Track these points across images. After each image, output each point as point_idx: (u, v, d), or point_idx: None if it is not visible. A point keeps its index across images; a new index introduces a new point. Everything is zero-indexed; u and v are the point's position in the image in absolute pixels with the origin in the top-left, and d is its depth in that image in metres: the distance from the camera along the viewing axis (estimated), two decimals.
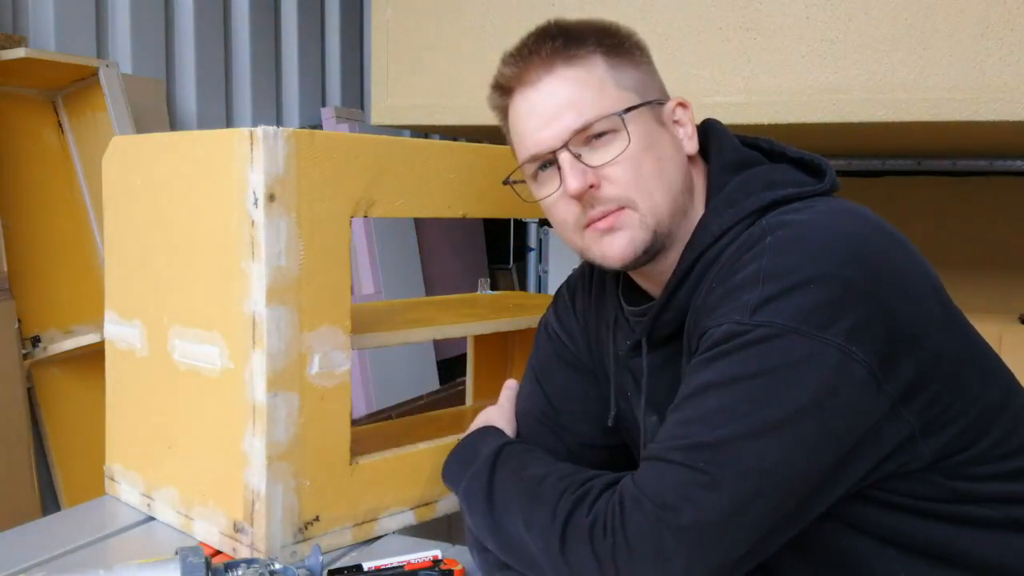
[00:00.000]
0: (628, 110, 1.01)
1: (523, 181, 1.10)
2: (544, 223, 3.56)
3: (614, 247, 1.02)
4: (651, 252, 1.03)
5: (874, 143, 2.39)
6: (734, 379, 0.88)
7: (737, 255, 0.96)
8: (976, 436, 0.94)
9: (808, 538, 0.95)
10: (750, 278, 0.91)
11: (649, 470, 0.90)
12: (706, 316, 0.95)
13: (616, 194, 1.01)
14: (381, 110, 2.48)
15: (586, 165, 1.00)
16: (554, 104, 1.02)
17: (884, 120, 1.85)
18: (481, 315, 1.55)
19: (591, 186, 1.00)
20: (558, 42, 1.02)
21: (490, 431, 1.18)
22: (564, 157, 1.01)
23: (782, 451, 0.86)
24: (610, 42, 1.04)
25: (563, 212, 1.04)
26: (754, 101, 1.95)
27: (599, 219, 1.02)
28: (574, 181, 1.00)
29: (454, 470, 1.15)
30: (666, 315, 1.05)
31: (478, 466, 1.09)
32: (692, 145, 1.07)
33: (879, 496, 0.94)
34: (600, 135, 1.01)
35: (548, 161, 1.04)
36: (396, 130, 2.72)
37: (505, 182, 1.13)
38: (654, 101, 1.05)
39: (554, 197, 1.04)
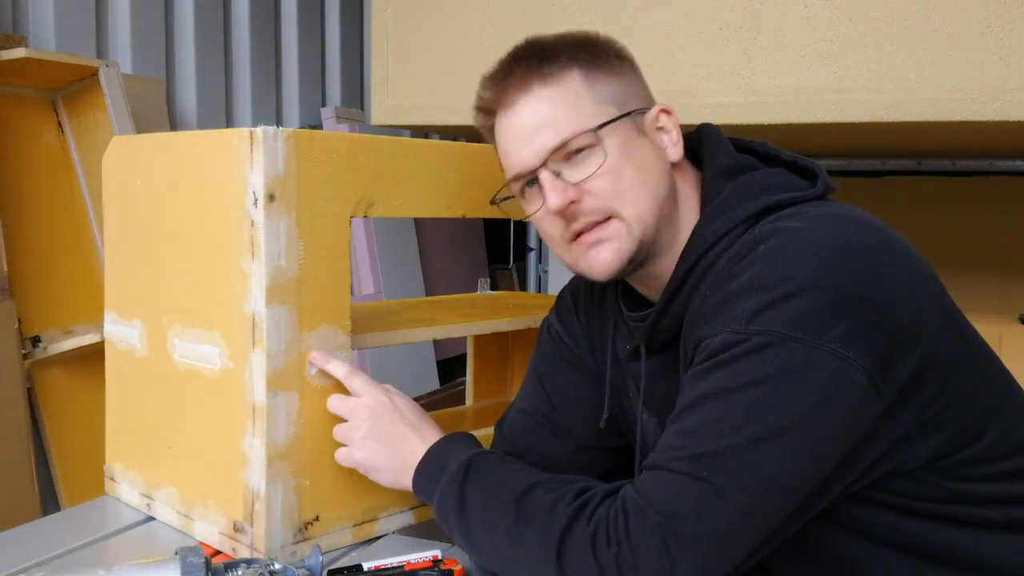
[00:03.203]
0: (604, 124, 1.02)
1: (513, 197, 1.13)
2: None
3: (599, 259, 1.04)
4: (636, 262, 1.04)
5: (874, 143, 2.39)
6: (733, 388, 0.88)
7: (732, 263, 0.96)
8: (973, 436, 0.94)
9: (807, 540, 0.95)
10: (744, 287, 0.91)
11: (653, 479, 0.90)
12: (702, 324, 0.96)
13: (599, 206, 1.02)
14: (381, 110, 2.48)
15: (566, 182, 1.02)
16: (532, 124, 1.03)
17: (884, 120, 1.85)
18: (481, 315, 1.55)
19: (572, 202, 1.02)
20: (532, 62, 1.04)
21: (456, 440, 1.14)
22: (544, 176, 1.03)
23: (785, 458, 0.86)
24: (586, 55, 1.04)
25: (549, 227, 1.07)
26: (754, 101, 1.95)
27: (585, 231, 1.03)
28: (555, 198, 1.02)
29: (423, 484, 1.12)
30: (664, 321, 1.05)
31: (446, 482, 1.06)
32: (676, 152, 1.07)
33: (876, 497, 0.94)
34: (579, 151, 1.02)
35: (532, 179, 1.06)
36: (396, 130, 2.72)
37: (492, 202, 1.16)
38: (634, 111, 1.05)
39: (540, 213, 1.06)
